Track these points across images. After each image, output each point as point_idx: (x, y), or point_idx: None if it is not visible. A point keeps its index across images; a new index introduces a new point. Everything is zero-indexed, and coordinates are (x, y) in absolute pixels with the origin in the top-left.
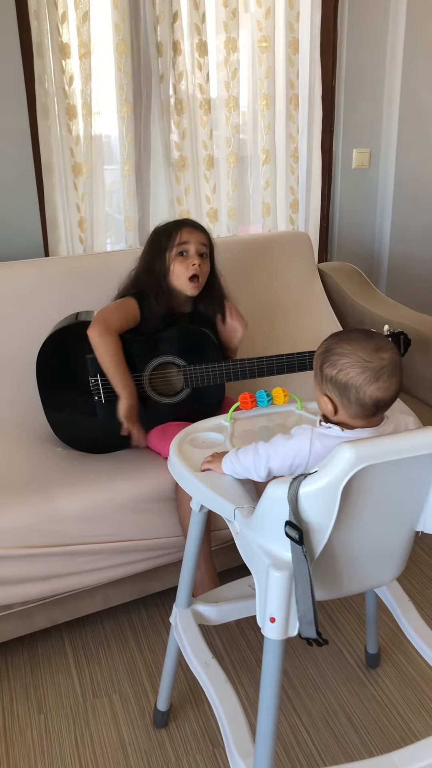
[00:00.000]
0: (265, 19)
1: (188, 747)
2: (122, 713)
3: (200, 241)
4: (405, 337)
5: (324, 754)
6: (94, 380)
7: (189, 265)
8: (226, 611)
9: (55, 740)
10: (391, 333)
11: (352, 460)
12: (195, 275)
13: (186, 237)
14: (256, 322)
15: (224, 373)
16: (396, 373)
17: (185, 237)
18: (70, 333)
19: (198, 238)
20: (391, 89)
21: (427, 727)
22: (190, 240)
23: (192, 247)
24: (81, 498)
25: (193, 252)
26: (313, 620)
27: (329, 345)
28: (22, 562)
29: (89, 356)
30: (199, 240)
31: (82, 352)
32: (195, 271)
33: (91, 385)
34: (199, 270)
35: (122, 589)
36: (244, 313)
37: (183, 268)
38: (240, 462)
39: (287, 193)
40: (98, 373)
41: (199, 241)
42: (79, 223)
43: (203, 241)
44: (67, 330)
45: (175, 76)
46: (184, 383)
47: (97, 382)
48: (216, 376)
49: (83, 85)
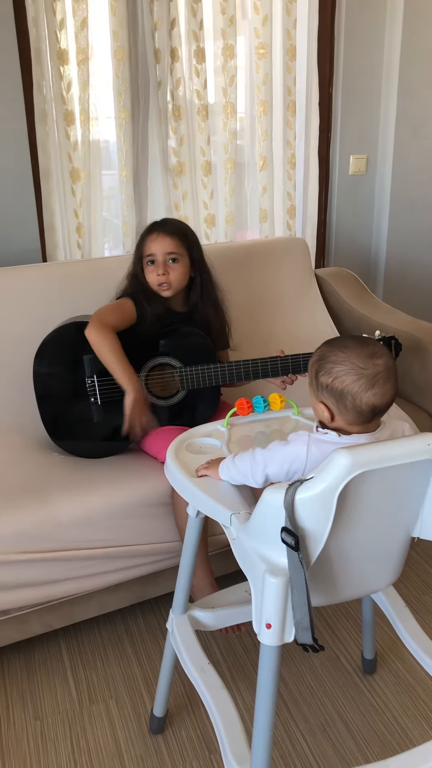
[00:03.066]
0: (263, 26)
1: (185, 753)
2: (119, 719)
3: (166, 250)
4: (396, 341)
5: (321, 760)
6: (90, 381)
7: (156, 273)
8: (223, 617)
9: (51, 746)
10: (382, 338)
11: (348, 467)
12: (162, 282)
13: (151, 248)
14: (253, 327)
15: (220, 375)
16: (391, 379)
17: (151, 247)
18: (66, 337)
19: (164, 246)
20: (388, 95)
21: (423, 733)
22: (155, 251)
23: (158, 257)
24: (78, 503)
25: (159, 261)
26: (309, 626)
27: (323, 353)
28: (19, 567)
29: (86, 356)
30: (164, 249)
31: (78, 356)
32: (161, 280)
33: (88, 386)
34: (165, 278)
35: (119, 594)
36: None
37: (153, 277)
38: (237, 468)
39: (284, 198)
40: (95, 374)
41: (164, 250)
42: (76, 229)
43: (170, 249)
44: (62, 334)
45: (173, 83)
46: (180, 385)
47: (94, 383)
48: (212, 378)
49: (81, 91)
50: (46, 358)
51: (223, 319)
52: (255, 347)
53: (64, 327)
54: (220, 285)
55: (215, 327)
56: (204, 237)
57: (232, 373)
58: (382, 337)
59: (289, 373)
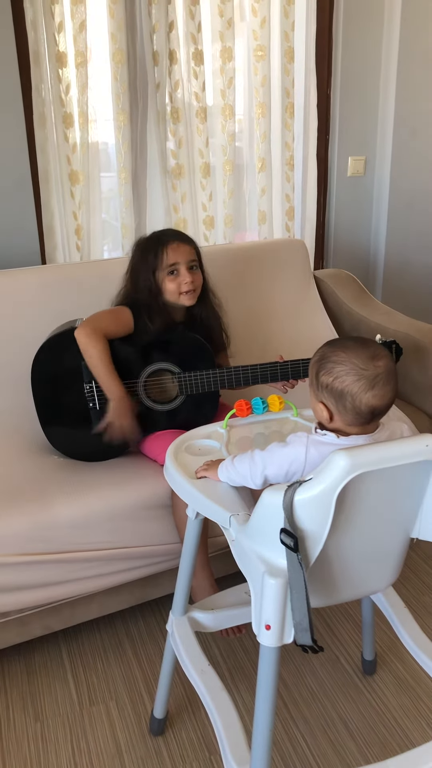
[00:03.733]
0: (261, 29)
1: (185, 754)
2: (119, 721)
3: (188, 257)
4: (397, 346)
5: (321, 761)
6: (89, 386)
7: (182, 283)
8: (222, 618)
9: (51, 748)
10: (383, 342)
11: (347, 468)
12: (189, 290)
13: (174, 257)
14: (252, 328)
15: (219, 381)
16: (391, 381)
17: (173, 257)
18: (65, 340)
19: (185, 254)
20: (386, 97)
21: (423, 734)
22: (178, 259)
23: (182, 267)
24: (77, 505)
25: (183, 270)
26: (308, 627)
27: (325, 353)
28: (19, 569)
29: (84, 362)
30: (186, 256)
31: (76, 360)
32: (188, 287)
33: (86, 391)
34: (192, 285)
35: (119, 596)
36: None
37: (175, 286)
38: (236, 469)
39: (283, 200)
40: (93, 379)
41: (187, 257)
42: (75, 231)
43: (191, 256)
44: (61, 338)
45: (171, 85)
46: (179, 390)
47: (92, 388)
48: (210, 383)
49: (80, 93)
50: (44, 363)
51: (220, 324)
52: (254, 349)
53: (62, 332)
54: (216, 291)
55: (215, 333)
56: (203, 239)
57: (231, 378)
58: (383, 341)
59: (288, 378)
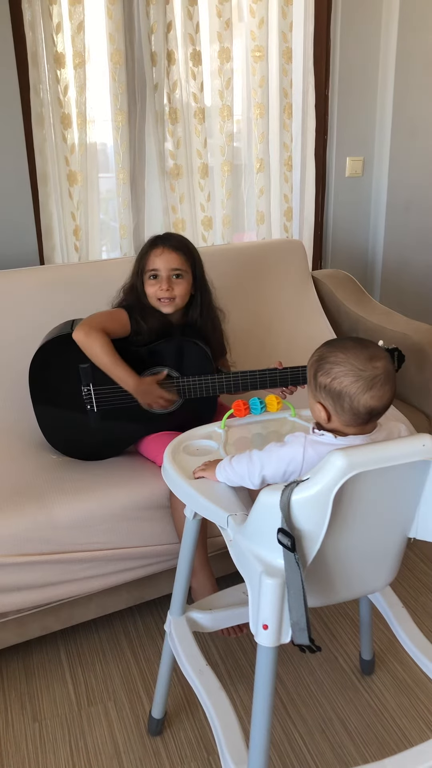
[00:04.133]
0: (259, 29)
1: (183, 755)
2: (117, 721)
3: (171, 266)
4: (399, 353)
5: (319, 761)
6: (86, 389)
7: (158, 289)
8: (220, 618)
9: (49, 749)
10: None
11: (344, 468)
12: (165, 298)
13: (155, 263)
14: (250, 329)
15: (217, 386)
16: (389, 382)
17: (155, 263)
18: (63, 341)
19: (168, 262)
20: (384, 97)
21: (421, 734)
22: (159, 266)
23: (162, 273)
24: (75, 506)
25: (163, 276)
26: (306, 627)
27: (323, 353)
28: (17, 569)
29: (81, 366)
30: (168, 264)
31: (74, 361)
32: (163, 295)
33: (84, 394)
34: (168, 294)
35: (117, 596)
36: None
37: (153, 291)
38: (234, 470)
39: (281, 201)
40: (90, 382)
41: (169, 266)
42: (74, 231)
43: (174, 265)
44: (59, 338)
45: (170, 86)
46: (178, 393)
47: (90, 391)
48: (209, 388)
49: (78, 94)
50: (42, 366)
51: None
52: (251, 349)
53: (60, 332)
54: (220, 306)
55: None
56: (201, 240)
57: (230, 384)
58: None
59: (288, 384)
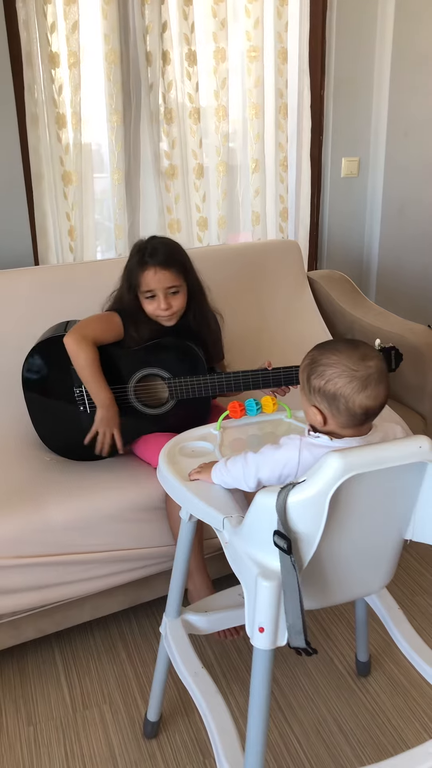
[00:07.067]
0: (254, 29)
1: (179, 758)
2: (112, 724)
3: (166, 284)
4: (396, 351)
5: (315, 763)
6: (79, 391)
7: (157, 307)
8: (216, 621)
9: (44, 752)
10: (383, 348)
11: (340, 469)
12: (165, 315)
13: (150, 284)
14: (245, 330)
15: (209, 387)
16: (383, 381)
17: (149, 284)
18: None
19: (162, 282)
20: (380, 98)
21: (417, 735)
22: (155, 287)
23: (159, 293)
24: (71, 507)
25: (160, 296)
26: (302, 630)
27: (315, 356)
28: (12, 571)
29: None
30: (164, 283)
31: (67, 362)
32: (163, 313)
33: (76, 395)
34: (168, 310)
35: (112, 598)
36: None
37: (153, 309)
38: (229, 472)
39: (277, 201)
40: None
41: (165, 284)
42: (69, 232)
43: (170, 282)
44: (52, 339)
45: (165, 86)
46: (170, 395)
47: (82, 392)
48: (201, 389)
49: (73, 94)
50: (35, 367)
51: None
52: (246, 349)
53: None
54: (218, 309)
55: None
56: (196, 240)
57: (222, 384)
58: (382, 347)
59: (281, 384)
